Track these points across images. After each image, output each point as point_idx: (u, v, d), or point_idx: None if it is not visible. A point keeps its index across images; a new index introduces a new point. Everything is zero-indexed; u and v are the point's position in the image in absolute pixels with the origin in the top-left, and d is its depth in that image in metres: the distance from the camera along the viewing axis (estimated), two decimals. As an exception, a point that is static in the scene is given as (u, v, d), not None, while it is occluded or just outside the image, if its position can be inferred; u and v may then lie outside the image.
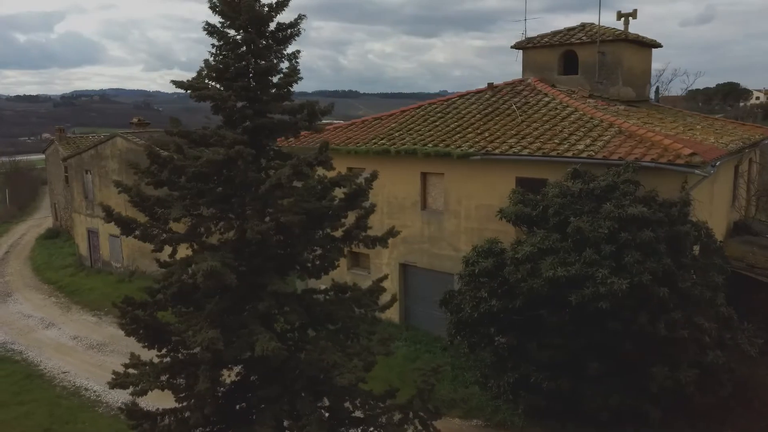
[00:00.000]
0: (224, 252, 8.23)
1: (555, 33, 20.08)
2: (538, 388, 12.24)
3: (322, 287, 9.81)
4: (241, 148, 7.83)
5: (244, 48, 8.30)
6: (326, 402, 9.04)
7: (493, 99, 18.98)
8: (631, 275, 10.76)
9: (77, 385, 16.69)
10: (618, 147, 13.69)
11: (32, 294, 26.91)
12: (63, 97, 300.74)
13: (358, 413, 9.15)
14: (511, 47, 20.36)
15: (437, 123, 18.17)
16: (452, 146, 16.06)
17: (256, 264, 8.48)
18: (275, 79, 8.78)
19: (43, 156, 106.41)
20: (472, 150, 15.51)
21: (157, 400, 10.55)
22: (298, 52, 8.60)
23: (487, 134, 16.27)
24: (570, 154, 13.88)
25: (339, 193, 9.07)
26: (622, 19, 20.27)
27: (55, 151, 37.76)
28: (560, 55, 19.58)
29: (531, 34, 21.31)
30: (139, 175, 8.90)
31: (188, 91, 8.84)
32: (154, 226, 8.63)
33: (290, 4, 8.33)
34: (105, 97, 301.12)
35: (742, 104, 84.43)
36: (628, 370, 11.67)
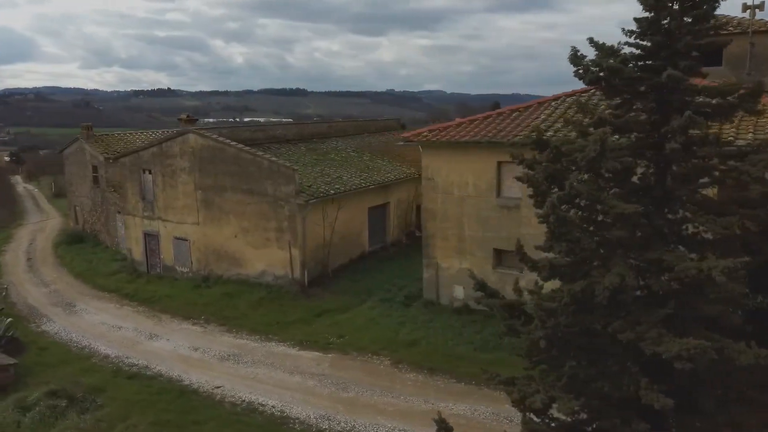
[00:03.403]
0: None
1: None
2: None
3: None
4: (715, 135, 7.09)
5: (671, 23, 7.54)
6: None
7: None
8: None
9: (245, 400, 15.34)
10: None
11: (98, 303, 24.92)
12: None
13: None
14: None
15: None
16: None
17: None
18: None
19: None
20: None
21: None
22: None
23: (672, 125, 15.91)
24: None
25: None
26: (748, 11, 20.30)
27: (79, 150, 35.21)
28: (700, 46, 19.41)
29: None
30: (541, 166, 7.95)
31: (579, 69, 8.03)
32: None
33: (232, 0, 7.48)
34: (40, 95, 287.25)
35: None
36: None
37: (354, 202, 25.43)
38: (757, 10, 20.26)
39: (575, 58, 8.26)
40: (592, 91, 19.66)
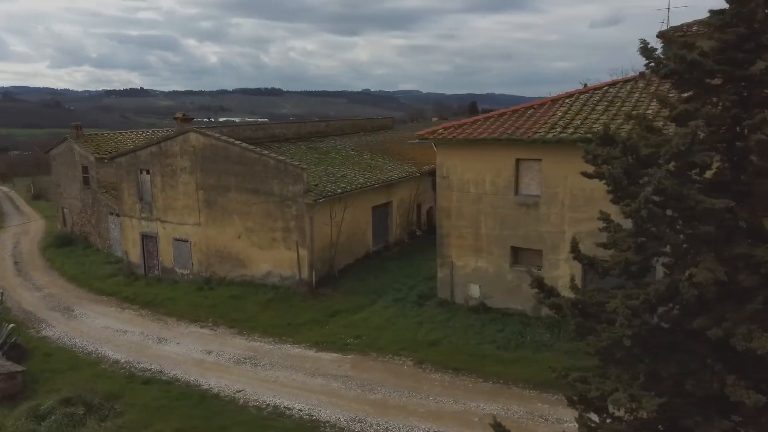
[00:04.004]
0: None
1: (701, 22, 20.08)
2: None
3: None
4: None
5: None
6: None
7: (653, 88, 18.72)
8: None
9: (270, 404, 14.96)
10: None
11: (98, 307, 24.27)
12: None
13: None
14: (656, 36, 20.21)
15: (615, 111, 17.69)
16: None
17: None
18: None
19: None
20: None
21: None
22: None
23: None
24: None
25: None
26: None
27: (68, 151, 34.29)
28: (711, 44, 19.57)
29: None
30: (619, 162, 7.78)
31: (653, 61, 7.94)
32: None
33: (207, 0, 7.38)
34: (8, 95, 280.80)
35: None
36: None
37: (359, 201, 25.15)
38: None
39: (646, 50, 8.16)
40: (605, 88, 19.74)
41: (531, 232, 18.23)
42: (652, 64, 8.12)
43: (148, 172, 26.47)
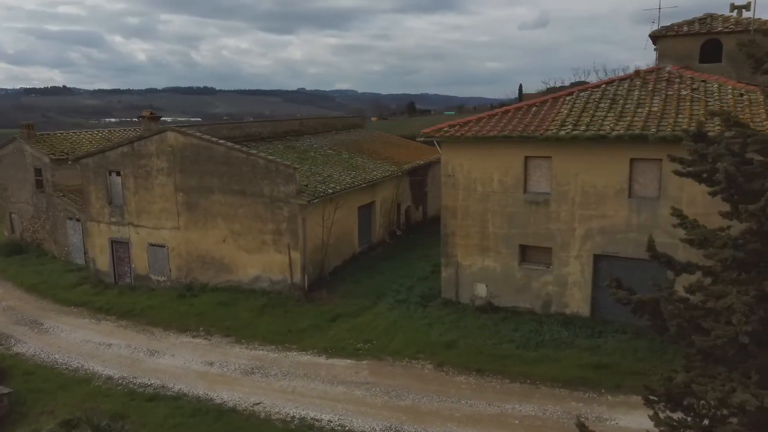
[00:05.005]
0: None
1: (690, 22, 20.60)
2: None
3: None
4: None
5: None
6: None
7: (650, 86, 19.02)
8: None
9: (295, 416, 14.20)
10: None
11: (69, 319, 22.59)
12: None
13: None
14: (649, 35, 20.57)
15: (620, 109, 17.83)
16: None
17: None
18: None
19: None
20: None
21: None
22: None
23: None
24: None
25: None
26: (735, 10, 21.24)
27: (16, 152, 31.86)
28: (702, 43, 20.11)
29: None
30: (730, 159, 7.63)
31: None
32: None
33: None
34: None
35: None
36: None
37: (347, 201, 24.50)
38: (743, 10, 21.24)
39: (745, 46, 8.10)
40: (603, 86, 19.90)
41: (540, 230, 18.15)
42: (754, 61, 8.05)
43: (118, 174, 24.89)
